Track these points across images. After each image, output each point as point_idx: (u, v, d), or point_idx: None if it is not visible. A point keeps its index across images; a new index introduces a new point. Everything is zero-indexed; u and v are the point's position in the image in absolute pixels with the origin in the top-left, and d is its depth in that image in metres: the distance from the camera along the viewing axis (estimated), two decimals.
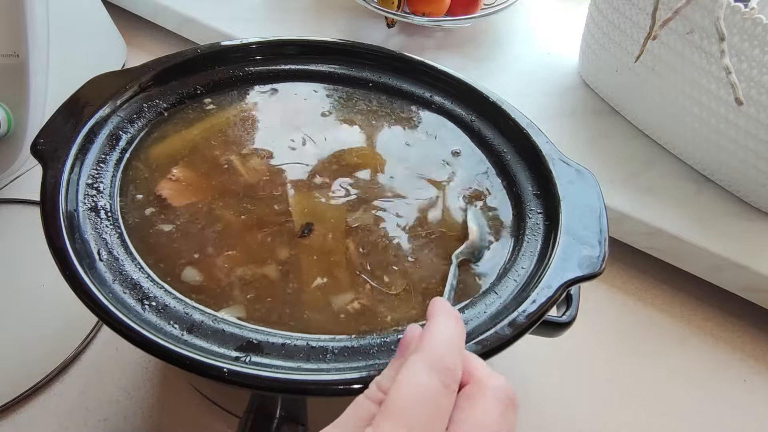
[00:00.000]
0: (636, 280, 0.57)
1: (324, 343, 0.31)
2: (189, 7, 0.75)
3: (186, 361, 0.28)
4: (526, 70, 0.73)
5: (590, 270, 0.34)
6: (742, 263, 0.51)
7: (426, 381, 0.22)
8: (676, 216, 0.55)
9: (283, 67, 0.50)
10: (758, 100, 0.50)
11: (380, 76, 0.50)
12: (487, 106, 0.47)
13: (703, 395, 0.49)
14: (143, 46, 0.78)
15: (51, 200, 0.34)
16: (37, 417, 0.42)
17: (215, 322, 0.32)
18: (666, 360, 0.51)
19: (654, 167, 0.60)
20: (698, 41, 0.53)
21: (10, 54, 0.53)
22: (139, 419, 0.43)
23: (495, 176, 0.44)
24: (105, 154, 0.40)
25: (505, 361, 0.48)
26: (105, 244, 0.34)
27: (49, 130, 0.38)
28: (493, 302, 0.34)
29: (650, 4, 0.54)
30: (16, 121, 0.54)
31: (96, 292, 0.30)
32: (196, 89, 0.47)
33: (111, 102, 0.41)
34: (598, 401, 0.47)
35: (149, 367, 0.46)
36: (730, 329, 0.54)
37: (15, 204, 0.56)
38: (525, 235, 0.39)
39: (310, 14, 0.78)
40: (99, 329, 0.47)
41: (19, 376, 0.44)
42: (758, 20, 0.48)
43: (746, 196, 0.56)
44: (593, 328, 0.52)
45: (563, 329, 0.37)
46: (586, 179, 0.41)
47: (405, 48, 0.74)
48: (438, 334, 0.24)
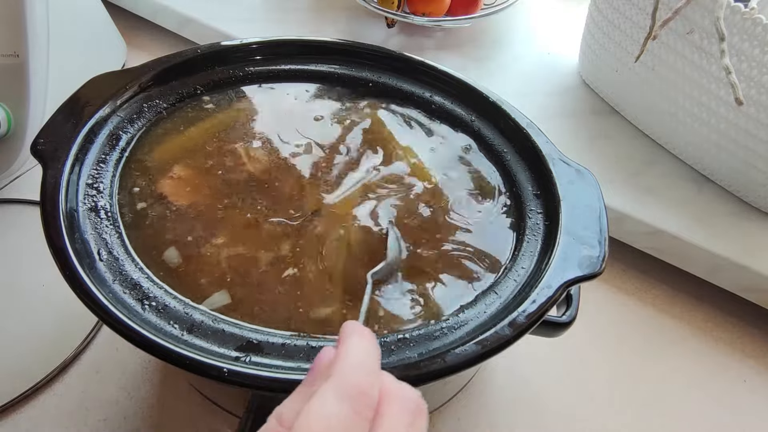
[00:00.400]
0: (636, 280, 0.57)
1: (324, 343, 0.31)
2: (189, 7, 0.75)
3: (186, 361, 0.28)
4: (526, 70, 0.73)
5: (590, 270, 0.34)
6: (742, 263, 0.51)
7: (336, 410, 0.20)
8: (676, 216, 0.55)
9: (283, 67, 0.50)
10: (758, 100, 0.50)
11: (380, 76, 0.50)
12: (487, 106, 0.47)
13: (703, 395, 0.49)
14: (143, 46, 0.78)
15: (51, 200, 0.34)
16: (37, 417, 0.42)
17: (215, 322, 0.32)
18: (666, 360, 0.51)
19: (654, 167, 0.60)
20: (698, 41, 0.53)
21: (10, 54, 0.53)
22: (139, 419, 0.43)
23: (496, 176, 0.44)
24: (105, 154, 0.40)
25: (505, 361, 0.48)
26: (105, 244, 0.34)
27: (49, 130, 0.38)
28: (493, 302, 0.34)
29: (650, 4, 0.54)
30: (16, 121, 0.54)
31: (96, 292, 0.30)
32: (196, 89, 0.47)
33: (111, 102, 0.41)
34: (598, 401, 0.47)
35: (149, 367, 0.46)
36: (730, 329, 0.54)
37: (15, 204, 0.56)
38: (525, 235, 0.39)
39: (309, 14, 0.78)
40: (99, 329, 0.47)
41: (19, 376, 0.44)
42: (758, 20, 0.48)
43: (746, 196, 0.56)
44: (593, 328, 0.52)
45: (563, 329, 0.37)
46: (586, 179, 0.41)
47: (405, 48, 0.74)
48: (350, 358, 0.22)
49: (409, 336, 0.32)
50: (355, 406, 0.21)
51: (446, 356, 0.30)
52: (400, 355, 0.31)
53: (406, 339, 0.32)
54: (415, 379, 0.29)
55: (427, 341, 0.32)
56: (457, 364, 0.30)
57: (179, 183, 0.40)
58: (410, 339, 0.32)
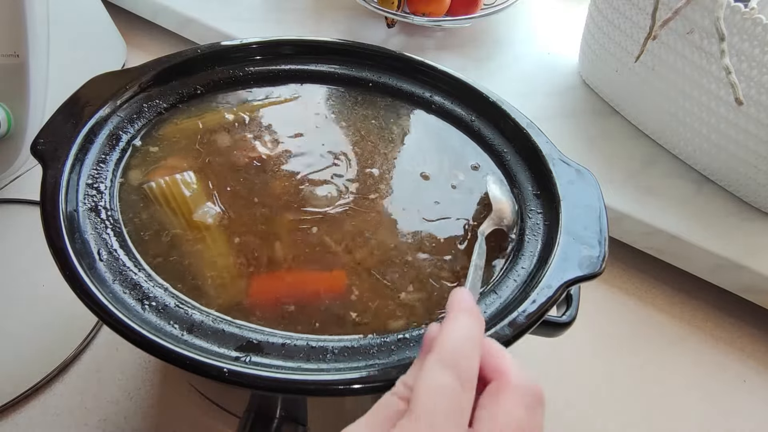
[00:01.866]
0: (636, 280, 0.57)
1: (324, 343, 0.31)
2: (189, 8, 0.75)
3: (186, 361, 0.28)
4: (526, 70, 0.73)
5: (590, 270, 0.34)
6: (742, 263, 0.51)
7: (442, 381, 0.22)
8: (676, 216, 0.55)
9: (282, 67, 0.50)
10: (758, 100, 0.50)
11: (380, 76, 0.50)
12: (487, 106, 0.47)
13: (702, 395, 0.49)
14: (143, 46, 0.78)
15: (51, 200, 0.34)
16: (37, 417, 0.42)
17: (215, 322, 0.32)
18: (666, 360, 0.51)
19: (654, 167, 0.60)
20: (698, 41, 0.53)
21: (10, 54, 0.53)
22: (139, 419, 0.43)
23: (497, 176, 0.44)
24: (105, 154, 0.40)
25: None
26: (105, 244, 0.34)
27: (49, 130, 0.38)
28: (493, 302, 0.34)
29: (650, 4, 0.54)
30: (16, 121, 0.54)
31: (96, 292, 0.30)
32: (196, 89, 0.47)
33: (111, 102, 0.41)
34: (598, 401, 0.47)
35: (149, 367, 0.46)
36: (730, 329, 0.54)
37: (15, 204, 0.56)
38: (525, 235, 0.39)
39: (309, 14, 0.78)
40: (99, 329, 0.47)
41: (19, 376, 0.44)
42: (758, 20, 0.48)
43: (746, 196, 0.56)
44: (593, 328, 0.52)
45: (563, 329, 0.37)
46: (586, 179, 0.41)
47: (405, 48, 0.74)
48: (451, 332, 0.24)
49: (409, 336, 0.32)
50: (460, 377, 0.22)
51: None
52: (400, 355, 0.31)
53: (406, 339, 0.32)
54: None
55: None
56: None
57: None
58: (410, 339, 0.32)
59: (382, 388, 0.29)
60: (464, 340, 0.24)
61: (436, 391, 0.22)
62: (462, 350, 0.23)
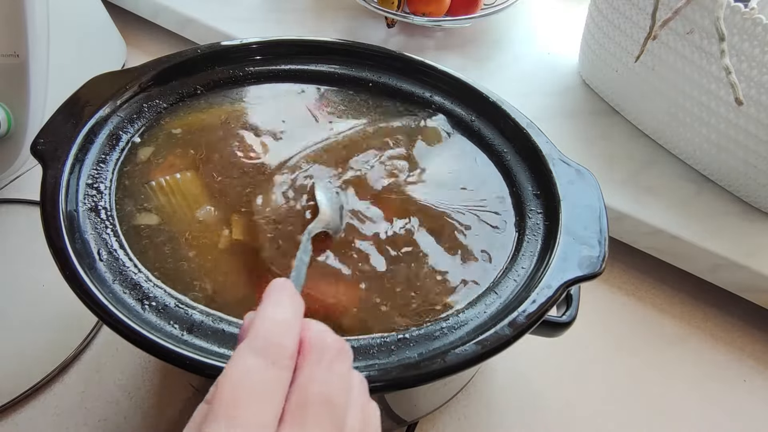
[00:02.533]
0: (636, 280, 0.57)
1: None
2: (189, 8, 0.75)
3: (186, 361, 0.28)
4: (526, 70, 0.73)
5: (590, 270, 0.34)
6: (742, 263, 0.51)
7: (249, 364, 0.21)
8: (676, 216, 0.55)
9: (282, 67, 0.50)
10: (758, 100, 0.50)
11: (380, 76, 0.50)
12: (487, 106, 0.47)
13: (702, 395, 0.49)
14: (143, 46, 0.78)
15: (51, 200, 0.34)
16: (37, 417, 0.42)
17: (215, 322, 0.32)
18: (665, 360, 0.51)
19: (654, 167, 0.60)
20: (698, 41, 0.53)
21: (10, 54, 0.53)
22: (139, 419, 0.43)
23: (497, 176, 0.44)
24: (105, 154, 0.40)
25: (505, 361, 0.48)
26: (105, 244, 0.34)
27: (49, 130, 0.38)
28: (493, 302, 0.34)
29: (650, 4, 0.54)
30: (16, 121, 0.54)
31: (96, 292, 0.30)
32: (196, 89, 0.47)
33: (111, 102, 0.41)
34: (598, 401, 0.47)
35: (149, 367, 0.46)
36: (730, 329, 0.54)
37: (15, 204, 0.56)
38: (525, 235, 0.39)
39: (309, 14, 0.78)
40: (99, 329, 0.47)
41: (19, 375, 0.44)
42: (758, 20, 0.48)
43: (746, 196, 0.56)
44: (593, 328, 0.52)
45: (563, 329, 0.37)
46: (586, 179, 0.41)
47: (405, 48, 0.74)
48: (264, 316, 0.23)
49: (409, 336, 0.32)
50: (270, 357, 0.21)
51: (446, 356, 0.30)
52: (400, 355, 0.31)
53: (406, 339, 0.32)
54: (415, 379, 0.30)
55: (427, 341, 0.32)
56: (457, 364, 0.30)
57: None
58: (410, 339, 0.32)
59: (382, 388, 0.29)
60: (277, 322, 0.23)
61: (242, 377, 0.21)
62: (274, 331, 0.22)
